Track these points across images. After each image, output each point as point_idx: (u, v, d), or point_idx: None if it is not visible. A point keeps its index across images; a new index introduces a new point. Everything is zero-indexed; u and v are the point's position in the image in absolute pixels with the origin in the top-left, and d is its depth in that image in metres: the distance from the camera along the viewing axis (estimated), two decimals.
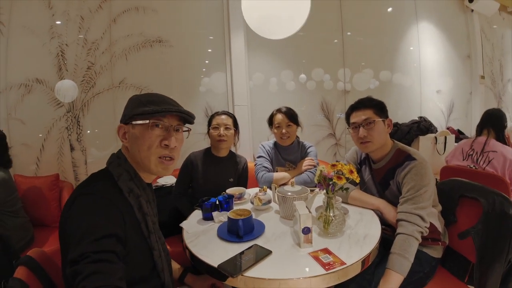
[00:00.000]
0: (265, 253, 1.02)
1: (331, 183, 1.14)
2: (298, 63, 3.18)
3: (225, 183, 1.81)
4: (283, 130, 1.91)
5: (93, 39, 2.52)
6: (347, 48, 3.32)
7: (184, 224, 1.36)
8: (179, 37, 2.77)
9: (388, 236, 1.33)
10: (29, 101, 2.39)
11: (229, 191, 1.65)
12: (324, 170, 1.16)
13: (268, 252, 1.02)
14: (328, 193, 1.16)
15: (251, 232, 1.18)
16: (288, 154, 2.00)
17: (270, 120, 2.03)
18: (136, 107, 0.86)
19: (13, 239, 1.72)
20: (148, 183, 0.96)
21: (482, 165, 2.05)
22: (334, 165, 1.16)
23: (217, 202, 1.44)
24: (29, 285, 0.82)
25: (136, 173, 0.89)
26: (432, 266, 1.26)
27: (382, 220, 1.33)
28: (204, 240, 1.18)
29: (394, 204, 1.33)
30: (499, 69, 4.49)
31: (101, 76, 2.57)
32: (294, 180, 1.83)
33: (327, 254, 1.00)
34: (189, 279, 1.18)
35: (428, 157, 3.07)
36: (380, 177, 1.42)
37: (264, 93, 3.05)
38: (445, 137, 3.16)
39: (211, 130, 1.82)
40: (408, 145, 3.06)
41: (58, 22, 2.43)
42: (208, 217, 1.38)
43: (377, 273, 1.21)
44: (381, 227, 1.25)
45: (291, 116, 1.94)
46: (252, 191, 1.74)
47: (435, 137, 3.13)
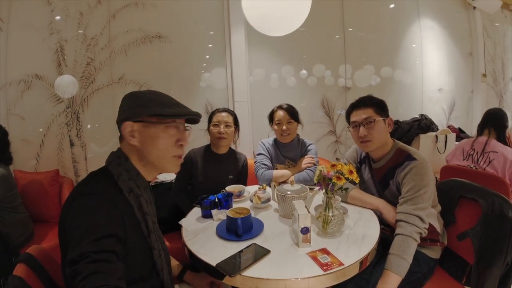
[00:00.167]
0: (263, 252, 1.02)
1: (331, 183, 1.14)
2: (299, 59, 3.15)
3: (225, 180, 1.81)
4: (284, 126, 1.91)
5: (92, 35, 2.51)
6: (349, 44, 3.29)
7: (183, 222, 1.35)
8: (179, 32, 2.75)
9: (387, 236, 1.33)
10: (28, 97, 2.38)
11: (229, 188, 1.64)
12: (324, 170, 1.16)
13: (267, 252, 1.02)
14: (327, 193, 1.16)
15: (250, 231, 1.18)
16: (288, 152, 2.00)
17: (271, 117, 2.02)
18: (150, 106, 0.86)
19: (13, 234, 1.73)
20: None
21: (483, 165, 2.05)
22: (333, 165, 1.15)
23: (216, 200, 1.44)
24: (28, 282, 0.82)
25: (138, 172, 0.89)
26: (430, 267, 1.26)
27: (381, 220, 1.33)
28: (203, 238, 1.18)
29: (393, 204, 1.32)
30: (501, 67, 4.46)
31: (101, 72, 2.56)
32: (294, 178, 1.84)
33: (325, 255, 1.00)
34: (188, 276, 1.18)
35: (428, 155, 3.06)
36: (380, 176, 1.42)
37: (265, 89, 3.04)
38: (446, 136, 3.14)
39: (211, 127, 1.81)
40: (409, 143, 3.06)
41: (57, 17, 2.41)
42: (207, 215, 1.38)
43: (375, 273, 1.21)
44: (380, 227, 1.25)
45: (292, 113, 1.93)
46: (251, 188, 1.74)
47: (436, 136, 3.11)
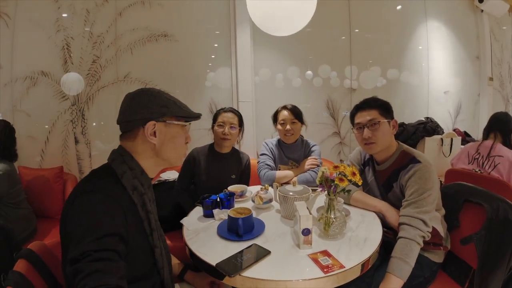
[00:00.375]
0: (264, 253, 1.01)
1: (333, 184, 1.13)
2: (305, 60, 3.13)
3: (227, 179, 1.81)
4: (288, 126, 1.90)
5: (98, 33, 2.52)
6: (355, 45, 3.26)
7: (184, 221, 1.35)
8: (185, 31, 2.76)
9: (389, 239, 1.32)
10: (34, 93, 2.41)
11: (231, 188, 1.64)
12: (326, 172, 1.15)
13: (267, 252, 1.02)
14: (329, 194, 1.15)
15: (251, 231, 1.17)
16: (292, 152, 1.99)
17: (275, 117, 2.02)
18: (171, 106, 0.89)
19: (16, 230, 1.74)
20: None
21: (488, 169, 2.02)
22: (336, 167, 1.14)
23: (218, 199, 1.44)
24: (28, 278, 0.82)
25: (143, 170, 0.89)
26: (432, 271, 1.24)
27: (384, 223, 1.31)
28: (204, 237, 1.18)
29: (397, 207, 1.31)
30: (507, 71, 4.39)
31: (106, 69, 2.57)
32: (296, 179, 1.83)
33: (326, 257, 0.99)
34: (189, 276, 1.18)
35: (433, 159, 3.03)
36: (384, 179, 1.40)
37: (270, 89, 3.03)
38: (452, 139, 3.10)
39: (215, 127, 1.81)
40: (414, 146, 3.02)
41: (64, 15, 2.43)
42: (208, 215, 1.38)
43: (377, 276, 1.20)
44: (383, 230, 1.23)
45: (296, 113, 1.93)
46: (254, 188, 1.73)
47: (441, 139, 3.07)
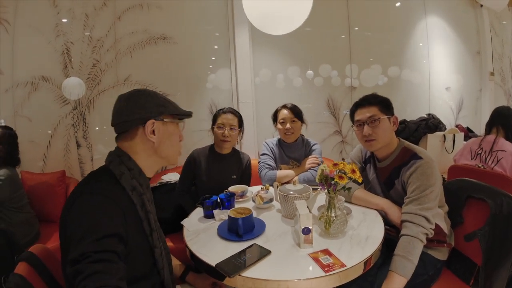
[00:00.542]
0: (264, 253, 1.01)
1: (333, 182, 1.12)
2: (305, 59, 3.13)
3: (228, 180, 1.81)
4: (287, 125, 1.90)
5: (98, 37, 2.53)
6: (355, 44, 3.25)
7: (185, 222, 1.35)
8: (184, 33, 2.76)
9: (392, 237, 1.31)
10: (35, 98, 2.42)
11: (231, 188, 1.64)
12: (326, 169, 1.14)
13: (267, 252, 1.01)
14: (329, 193, 1.14)
15: (251, 231, 1.17)
16: (292, 152, 1.98)
17: (275, 116, 2.01)
18: (168, 105, 0.92)
19: (18, 234, 1.75)
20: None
21: (491, 164, 2.00)
22: (336, 164, 1.13)
23: (218, 200, 1.44)
24: (29, 281, 0.82)
25: (141, 170, 0.89)
26: (437, 269, 1.23)
27: (386, 220, 1.30)
28: (204, 238, 1.18)
29: (399, 204, 1.29)
30: (508, 65, 4.35)
31: (106, 73, 2.58)
32: (297, 178, 1.82)
33: (327, 256, 0.98)
34: (190, 277, 1.18)
35: (436, 155, 3.01)
36: (385, 176, 1.39)
37: (271, 90, 3.02)
38: (454, 135, 3.08)
39: (215, 129, 1.81)
40: (416, 143, 3.00)
41: (63, 20, 2.44)
42: (209, 215, 1.38)
43: (379, 275, 1.19)
44: (385, 227, 1.22)
45: (296, 112, 1.92)
46: (255, 189, 1.73)
47: (444, 135, 3.05)
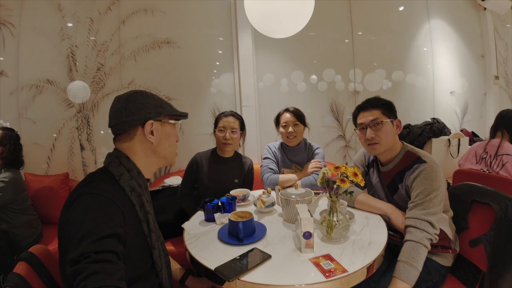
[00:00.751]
0: (264, 257, 0.99)
1: (335, 186, 1.10)
2: (309, 64, 3.13)
3: (230, 184, 1.80)
4: (290, 129, 1.89)
5: (102, 41, 2.56)
6: (359, 48, 3.24)
7: (185, 225, 1.34)
8: (187, 38, 2.78)
9: (396, 242, 1.28)
10: (40, 101, 2.45)
11: (233, 192, 1.63)
12: (328, 173, 1.13)
13: (267, 257, 0.99)
14: (331, 196, 1.12)
15: (252, 235, 1.15)
16: (295, 156, 1.97)
17: (277, 120, 2.00)
18: (165, 106, 0.93)
19: (21, 236, 1.76)
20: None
21: (496, 169, 1.97)
22: (337, 168, 1.12)
23: (219, 204, 1.43)
24: (28, 280, 0.82)
25: (139, 171, 0.90)
26: (441, 275, 1.20)
27: (390, 225, 1.28)
28: (204, 241, 1.17)
29: (402, 209, 1.27)
30: None
31: (111, 77, 2.60)
32: (300, 182, 1.81)
33: (328, 261, 0.96)
34: (190, 281, 1.17)
35: (441, 160, 2.97)
36: (389, 180, 1.37)
37: (275, 94, 3.02)
38: (459, 140, 3.04)
39: (217, 132, 1.80)
40: (420, 147, 2.97)
41: (68, 24, 2.48)
42: (210, 219, 1.37)
43: (383, 281, 1.17)
44: (389, 233, 1.20)
45: (298, 116, 1.91)
46: (257, 193, 1.72)
47: (449, 140, 3.02)
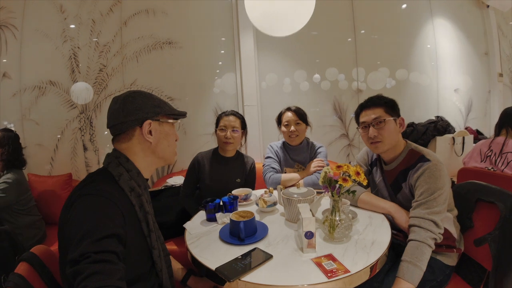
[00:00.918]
0: (265, 257, 0.98)
1: (337, 185, 1.09)
2: (312, 63, 3.11)
3: (232, 183, 1.79)
4: (292, 128, 1.88)
5: (104, 42, 2.57)
6: (362, 47, 3.21)
7: (187, 225, 1.34)
8: (189, 38, 2.78)
9: (399, 242, 1.27)
10: (43, 102, 2.47)
11: (235, 192, 1.62)
12: (330, 172, 1.11)
13: (269, 257, 0.98)
14: (333, 196, 1.11)
15: (253, 235, 1.15)
16: (297, 155, 1.96)
17: (279, 119, 1.99)
18: (163, 106, 0.93)
19: (24, 236, 1.76)
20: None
21: (501, 167, 1.94)
22: (339, 167, 1.11)
23: (221, 203, 1.42)
24: (29, 280, 0.82)
25: (139, 171, 0.90)
26: (445, 275, 1.18)
27: (394, 225, 1.26)
28: (205, 241, 1.16)
29: (406, 208, 1.25)
30: None
31: (113, 78, 2.61)
32: (302, 181, 1.80)
33: (330, 261, 0.95)
34: (192, 281, 1.16)
35: (445, 158, 2.94)
36: (392, 179, 1.35)
37: (278, 94, 3.01)
38: (463, 138, 3.01)
39: (218, 131, 1.80)
40: (424, 146, 2.94)
41: (70, 25, 2.49)
42: (211, 218, 1.36)
43: (386, 281, 1.15)
44: (393, 232, 1.18)
45: (300, 115, 1.90)
46: (259, 192, 1.71)
47: (453, 138, 2.98)
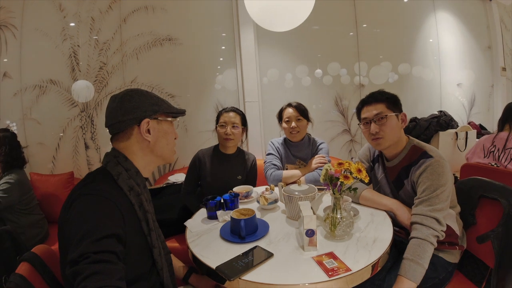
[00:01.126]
0: (266, 255, 0.98)
1: (338, 183, 1.08)
2: (313, 58, 3.08)
3: (233, 180, 1.79)
4: (293, 124, 1.86)
5: (104, 40, 2.56)
6: (364, 41, 3.18)
7: (188, 223, 1.34)
8: (189, 34, 2.76)
9: (401, 239, 1.26)
10: (44, 101, 2.46)
11: (236, 189, 1.62)
12: (331, 169, 1.10)
13: (270, 255, 0.98)
14: (334, 193, 1.10)
15: (254, 233, 1.14)
16: (298, 151, 1.95)
17: (280, 115, 1.98)
18: (161, 104, 0.92)
19: (27, 235, 1.77)
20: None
21: (504, 162, 1.92)
22: (341, 164, 1.10)
23: (222, 201, 1.42)
24: (30, 280, 0.82)
25: (138, 170, 0.89)
26: (448, 272, 1.17)
27: (396, 222, 1.25)
28: (206, 239, 1.16)
29: (408, 205, 1.24)
30: None
31: (113, 75, 2.61)
32: (304, 178, 1.79)
33: (331, 259, 0.94)
34: (193, 279, 1.16)
35: (448, 154, 2.92)
36: (394, 176, 1.34)
37: (280, 89, 2.99)
38: (466, 133, 2.98)
39: (218, 128, 1.79)
40: (427, 141, 2.92)
41: (70, 24, 2.48)
42: (212, 216, 1.36)
43: (388, 279, 1.14)
44: (395, 229, 1.17)
45: (301, 110, 1.88)
46: (260, 189, 1.70)
47: (456, 133, 2.96)
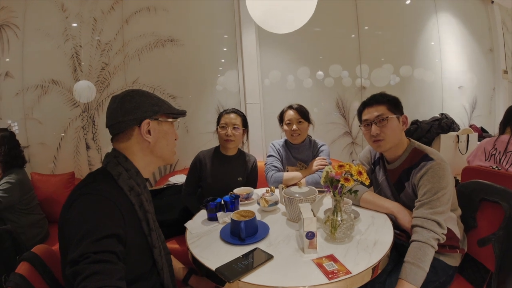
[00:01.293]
0: (266, 257, 0.98)
1: (339, 185, 1.08)
2: (315, 60, 3.08)
3: (234, 182, 1.79)
4: (294, 126, 1.86)
5: (106, 40, 2.57)
6: (366, 43, 3.18)
7: (188, 224, 1.34)
8: (191, 36, 2.77)
9: (402, 242, 1.25)
10: (45, 101, 2.47)
11: (236, 191, 1.62)
12: (331, 171, 1.10)
13: (269, 257, 0.98)
14: (335, 196, 1.10)
15: (254, 234, 1.14)
16: (299, 153, 1.95)
17: (281, 117, 1.98)
18: (161, 105, 0.91)
19: (28, 235, 1.77)
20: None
21: (505, 165, 1.91)
22: (341, 166, 1.09)
23: (222, 202, 1.42)
24: (30, 280, 0.82)
25: (138, 170, 0.89)
26: (448, 275, 1.17)
27: (396, 225, 1.25)
28: (206, 241, 1.16)
29: (409, 208, 1.24)
30: None
31: (115, 76, 2.61)
32: (304, 180, 1.78)
33: (332, 262, 0.94)
34: (193, 280, 1.16)
35: (449, 157, 2.91)
36: (395, 178, 1.34)
37: (281, 91, 2.99)
38: (468, 136, 2.97)
39: (219, 129, 1.79)
40: (429, 144, 2.91)
41: (72, 24, 2.49)
42: (212, 218, 1.36)
43: (389, 282, 1.14)
44: (396, 232, 1.17)
45: (303, 113, 1.88)
46: (261, 191, 1.70)
47: (457, 136, 2.95)
